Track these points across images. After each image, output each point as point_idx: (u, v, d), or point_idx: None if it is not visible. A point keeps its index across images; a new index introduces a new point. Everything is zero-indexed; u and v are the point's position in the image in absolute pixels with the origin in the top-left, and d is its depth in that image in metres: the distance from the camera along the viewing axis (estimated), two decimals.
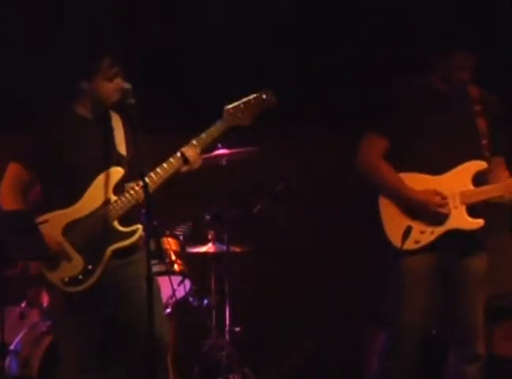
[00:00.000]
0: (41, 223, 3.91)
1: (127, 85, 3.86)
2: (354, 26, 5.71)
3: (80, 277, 3.85)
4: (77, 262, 3.85)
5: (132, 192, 3.85)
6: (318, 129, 5.98)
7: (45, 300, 5.17)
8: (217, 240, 5.59)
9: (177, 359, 5.18)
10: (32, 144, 4.02)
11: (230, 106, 3.89)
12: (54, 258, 3.86)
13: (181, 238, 5.39)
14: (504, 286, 5.87)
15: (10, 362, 4.91)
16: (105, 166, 3.89)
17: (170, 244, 5.30)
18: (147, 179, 3.74)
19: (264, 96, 3.91)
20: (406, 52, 5.40)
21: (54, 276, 3.89)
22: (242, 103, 3.89)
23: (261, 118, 5.22)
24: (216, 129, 3.90)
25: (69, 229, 3.87)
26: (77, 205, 3.88)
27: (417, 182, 4.07)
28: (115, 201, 3.86)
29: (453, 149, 4.06)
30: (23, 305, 5.23)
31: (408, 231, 4.01)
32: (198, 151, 3.90)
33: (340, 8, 5.66)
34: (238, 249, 5.59)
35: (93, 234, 3.85)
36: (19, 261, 5.09)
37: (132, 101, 3.82)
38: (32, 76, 5.60)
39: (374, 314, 4.80)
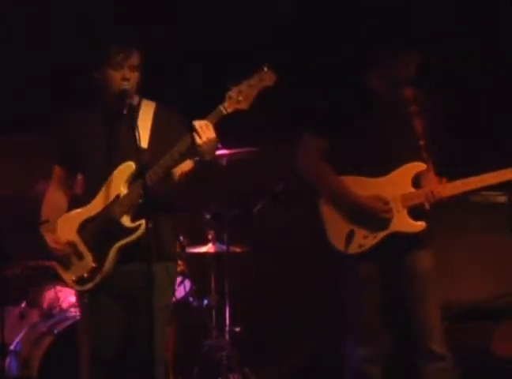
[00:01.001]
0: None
1: (127, 85, 3.84)
2: (354, 26, 5.70)
3: (86, 275, 3.82)
4: (88, 261, 3.82)
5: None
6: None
7: (45, 300, 5.18)
8: (217, 240, 5.60)
9: (177, 359, 5.18)
10: (56, 145, 4.03)
11: (231, 91, 3.73)
12: (63, 259, 3.85)
13: (181, 238, 5.40)
14: (504, 286, 5.87)
15: (10, 362, 4.91)
16: (119, 162, 3.80)
17: None
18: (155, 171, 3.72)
19: (263, 75, 3.73)
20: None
21: (67, 276, 3.87)
22: (242, 86, 3.73)
23: (261, 119, 5.24)
24: (214, 116, 3.72)
25: (83, 228, 3.85)
26: (92, 203, 3.85)
27: (358, 186, 4.06)
28: (124, 196, 3.80)
29: (392, 151, 4.05)
30: (23, 305, 5.23)
31: (350, 235, 4.03)
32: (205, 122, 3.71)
33: (340, 8, 5.65)
34: (238, 249, 5.60)
35: (102, 231, 3.81)
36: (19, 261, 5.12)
37: (131, 101, 3.81)
38: (32, 75, 5.61)
39: None
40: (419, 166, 4.08)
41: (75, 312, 4.98)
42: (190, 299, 5.49)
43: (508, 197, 4.76)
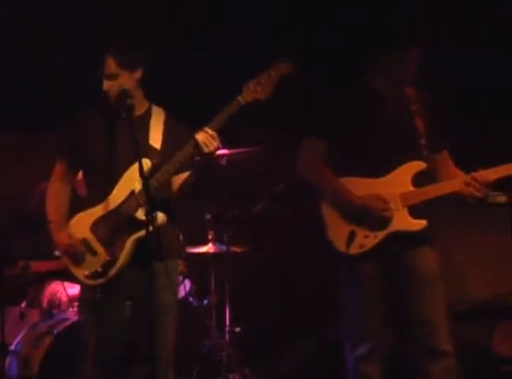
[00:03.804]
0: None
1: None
2: (354, 26, 5.70)
3: (100, 269, 3.85)
4: (101, 255, 3.86)
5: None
6: None
7: (45, 300, 5.18)
8: (217, 240, 5.60)
9: (177, 359, 5.18)
10: (65, 139, 4.07)
11: (249, 82, 3.79)
12: (75, 255, 3.87)
13: (181, 237, 5.40)
14: (504, 286, 5.88)
15: (10, 362, 4.91)
16: (133, 160, 3.79)
17: None
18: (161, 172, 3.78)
19: (281, 65, 3.78)
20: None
21: (80, 272, 3.90)
22: (261, 77, 3.78)
23: (262, 118, 5.24)
24: (232, 106, 3.78)
25: (96, 225, 3.88)
26: (106, 201, 3.89)
27: (358, 187, 4.05)
28: (139, 192, 3.83)
29: (392, 151, 4.04)
30: (23, 305, 5.24)
31: (352, 236, 4.03)
32: (212, 132, 3.77)
33: (340, 8, 5.65)
34: (238, 249, 5.60)
35: (117, 226, 3.85)
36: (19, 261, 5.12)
37: (131, 102, 3.82)
38: (32, 76, 5.62)
39: None
40: (418, 165, 4.08)
41: (74, 311, 4.99)
42: (190, 299, 5.50)
43: (508, 197, 4.75)
